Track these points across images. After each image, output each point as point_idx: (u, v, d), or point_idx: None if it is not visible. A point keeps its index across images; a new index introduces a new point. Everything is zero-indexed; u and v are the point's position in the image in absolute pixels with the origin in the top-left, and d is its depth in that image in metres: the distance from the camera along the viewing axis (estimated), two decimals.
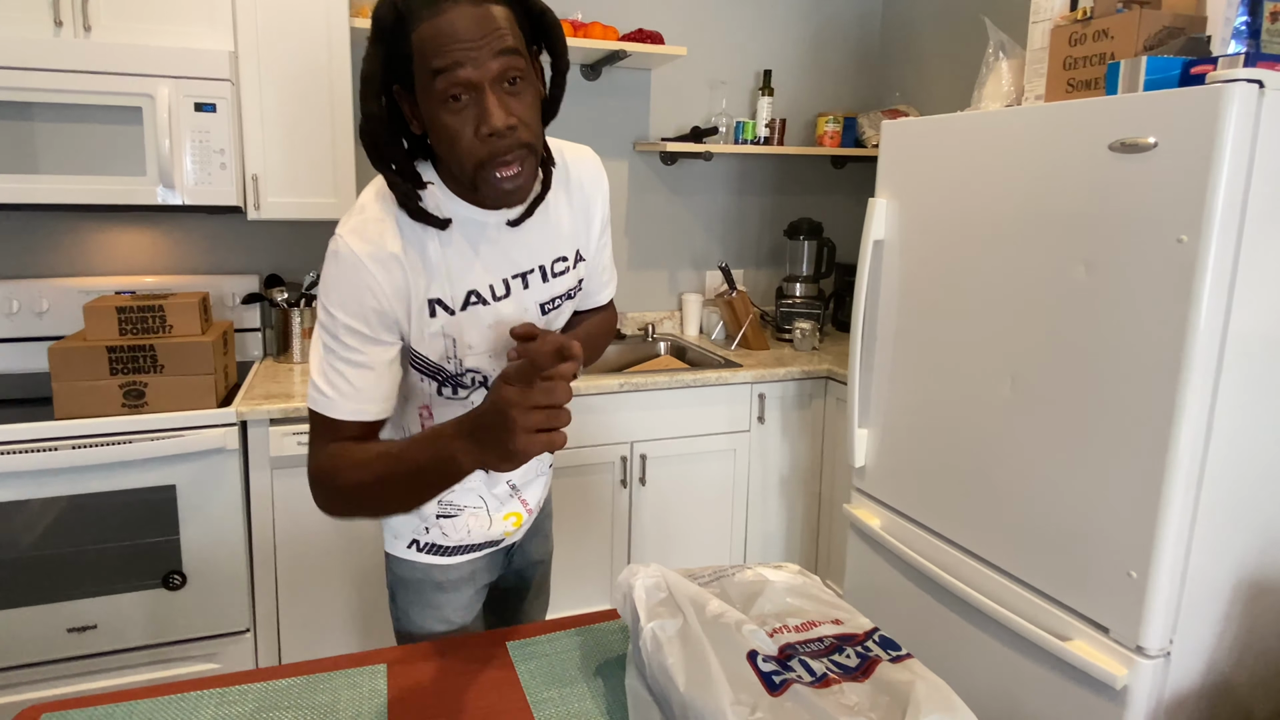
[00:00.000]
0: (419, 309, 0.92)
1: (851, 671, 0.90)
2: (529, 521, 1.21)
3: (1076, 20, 1.42)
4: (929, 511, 1.73)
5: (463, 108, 0.82)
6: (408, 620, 1.17)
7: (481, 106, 0.81)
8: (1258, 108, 1.13)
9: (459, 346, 0.96)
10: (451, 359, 0.97)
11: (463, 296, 0.94)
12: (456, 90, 0.81)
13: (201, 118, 1.75)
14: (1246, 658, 1.39)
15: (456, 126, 0.82)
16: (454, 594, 1.15)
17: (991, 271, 1.54)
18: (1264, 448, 1.31)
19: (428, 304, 0.92)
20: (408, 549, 1.13)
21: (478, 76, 0.80)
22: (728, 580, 1.09)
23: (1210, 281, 1.18)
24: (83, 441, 1.63)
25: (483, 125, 0.82)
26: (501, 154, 0.83)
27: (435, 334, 0.95)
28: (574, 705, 1.00)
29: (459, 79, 0.80)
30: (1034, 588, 1.49)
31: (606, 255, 1.13)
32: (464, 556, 1.15)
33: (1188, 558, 1.29)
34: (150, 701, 0.97)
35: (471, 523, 1.12)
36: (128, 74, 1.70)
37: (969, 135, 1.57)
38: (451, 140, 0.83)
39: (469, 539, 1.13)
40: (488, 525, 1.13)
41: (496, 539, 1.16)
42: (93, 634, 1.73)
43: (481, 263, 0.94)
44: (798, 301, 2.67)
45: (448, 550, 1.13)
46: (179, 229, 2.18)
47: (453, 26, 0.79)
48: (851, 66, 2.87)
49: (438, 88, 0.81)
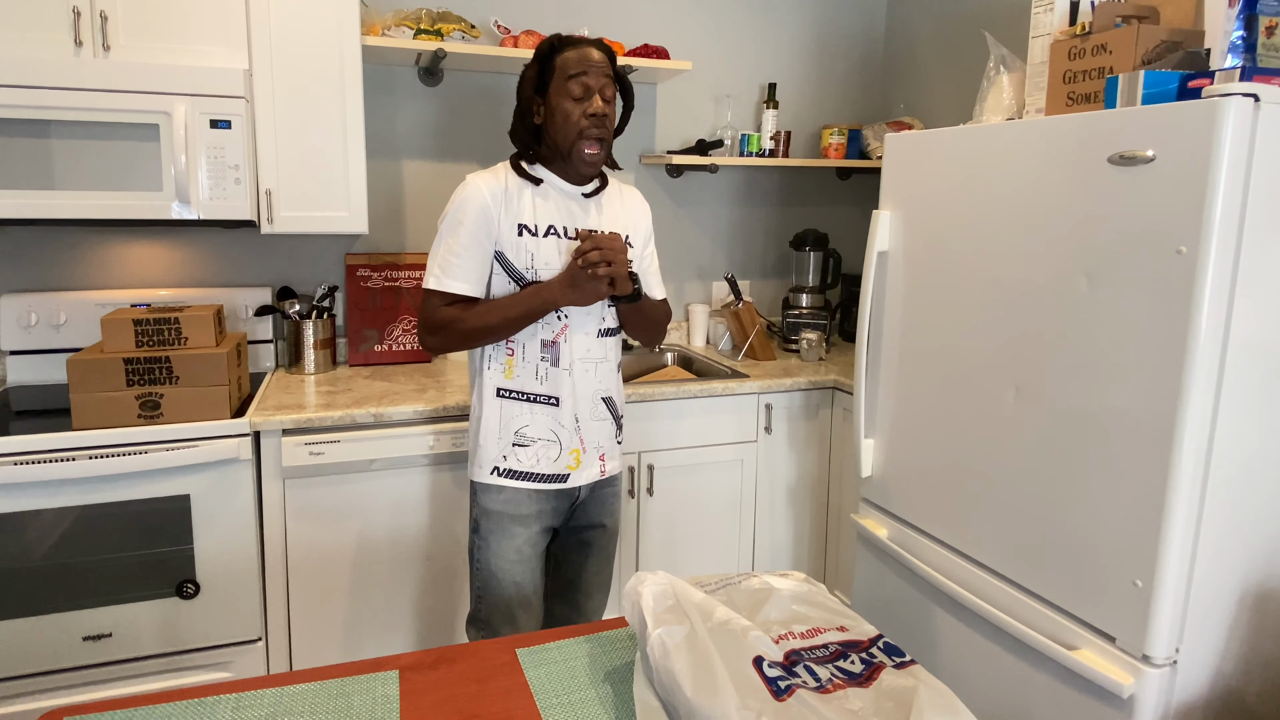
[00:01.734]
0: (509, 226, 1.42)
1: (856, 677, 0.91)
2: (588, 463, 1.54)
3: (1076, 35, 1.44)
4: (935, 521, 1.74)
5: (580, 99, 1.39)
6: (487, 548, 1.51)
7: (590, 99, 1.39)
8: (1254, 121, 1.15)
9: (536, 260, 1.44)
10: (530, 269, 1.44)
11: (544, 227, 1.44)
12: (580, 88, 1.39)
13: (217, 134, 1.79)
14: (1253, 666, 1.39)
15: (572, 109, 1.39)
16: (525, 527, 1.50)
17: (994, 282, 1.56)
18: (1266, 456, 1.31)
19: (516, 226, 1.43)
20: (490, 475, 1.50)
21: (595, 84, 1.39)
22: (734, 588, 1.11)
23: (1210, 292, 1.20)
24: (100, 452, 1.66)
25: (590, 107, 1.39)
26: (593, 131, 1.39)
27: (520, 248, 1.43)
28: (583, 711, 1.01)
29: (585, 81, 1.39)
30: (1040, 597, 1.49)
31: (653, 265, 1.62)
32: (534, 485, 1.50)
33: (1192, 566, 1.29)
34: (168, 706, 0.99)
35: (540, 453, 1.49)
36: (146, 92, 1.74)
37: (971, 148, 1.59)
38: (566, 116, 1.39)
39: (538, 467, 1.49)
40: (555, 455, 1.50)
41: (561, 473, 1.51)
42: (107, 642, 1.75)
43: (560, 211, 1.47)
44: (804, 312, 2.68)
45: (521, 475, 1.49)
46: (193, 243, 2.22)
47: (587, 55, 1.40)
48: (855, 79, 2.90)
49: (569, 86, 1.39)
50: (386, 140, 2.36)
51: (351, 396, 1.96)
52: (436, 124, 2.41)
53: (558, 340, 1.47)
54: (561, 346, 1.47)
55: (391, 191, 2.39)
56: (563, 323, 1.47)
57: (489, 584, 1.51)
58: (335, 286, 2.22)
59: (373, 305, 2.27)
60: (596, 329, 1.51)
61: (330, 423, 1.82)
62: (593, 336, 1.50)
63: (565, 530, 1.60)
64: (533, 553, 1.52)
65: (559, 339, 1.47)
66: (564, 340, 1.47)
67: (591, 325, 1.50)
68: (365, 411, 1.85)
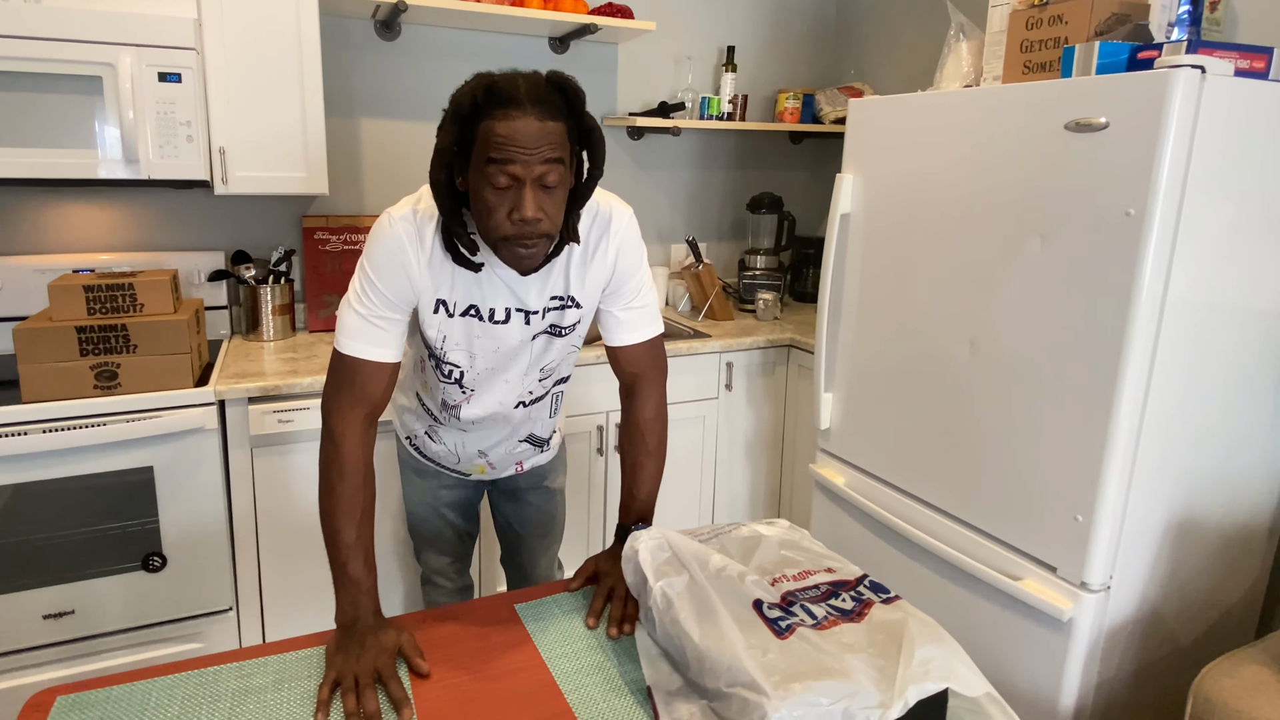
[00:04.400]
0: (429, 300, 1.14)
1: (848, 614, 0.98)
2: (499, 472, 1.43)
3: (1033, 5, 1.51)
4: (891, 468, 1.85)
5: (504, 191, 1.00)
6: (405, 484, 1.48)
7: (520, 197, 1.00)
8: (1200, 91, 1.24)
9: (448, 341, 1.18)
10: (440, 347, 1.19)
11: (464, 307, 1.15)
12: (503, 179, 0.99)
13: (166, 88, 1.69)
14: (1172, 590, 1.55)
15: (495, 204, 1.01)
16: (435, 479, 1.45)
17: (952, 242, 1.64)
18: (1191, 404, 1.44)
19: (435, 300, 1.14)
20: (405, 439, 1.44)
21: (523, 174, 0.99)
22: (725, 537, 1.16)
23: (1153, 251, 1.30)
24: (54, 425, 1.59)
25: (516, 212, 1.00)
26: (525, 237, 1.01)
27: (432, 323, 1.16)
28: (586, 659, 1.05)
29: (508, 171, 0.99)
30: (988, 534, 1.61)
31: (636, 301, 1.24)
32: (440, 468, 1.43)
33: (1126, 502, 1.42)
34: (170, 678, 0.98)
35: (442, 456, 1.40)
36: (87, 41, 1.62)
37: (932, 114, 1.65)
38: (488, 213, 1.02)
39: (442, 462, 1.41)
40: (455, 463, 1.40)
41: (465, 473, 1.43)
42: (70, 620, 1.70)
43: (484, 291, 1.15)
44: (759, 273, 2.74)
45: (428, 458, 1.42)
46: (137, 204, 2.10)
47: (514, 131, 0.97)
48: (809, 44, 2.93)
49: (489, 171, 0.99)
50: (343, 97, 2.27)
51: (319, 363, 1.93)
52: (395, 82, 2.33)
53: (458, 405, 1.27)
54: (463, 410, 1.27)
55: (348, 151, 2.31)
56: (464, 394, 1.25)
57: (410, 517, 1.50)
58: (292, 250, 2.15)
59: (333, 269, 2.21)
60: (515, 402, 1.28)
61: (300, 389, 1.79)
62: (508, 407, 1.28)
63: (493, 488, 1.53)
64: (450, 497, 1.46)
65: (460, 405, 1.27)
66: (466, 405, 1.27)
67: (509, 396, 1.27)
68: None
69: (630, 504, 1.28)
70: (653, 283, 1.25)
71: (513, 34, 2.42)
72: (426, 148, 2.40)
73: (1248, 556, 1.63)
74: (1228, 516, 1.56)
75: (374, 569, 1.08)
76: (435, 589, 1.56)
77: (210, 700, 0.95)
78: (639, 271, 1.22)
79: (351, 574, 1.06)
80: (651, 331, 1.25)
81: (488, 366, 1.22)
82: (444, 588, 1.56)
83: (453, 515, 1.49)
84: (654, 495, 1.29)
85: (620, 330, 1.24)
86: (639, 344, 1.25)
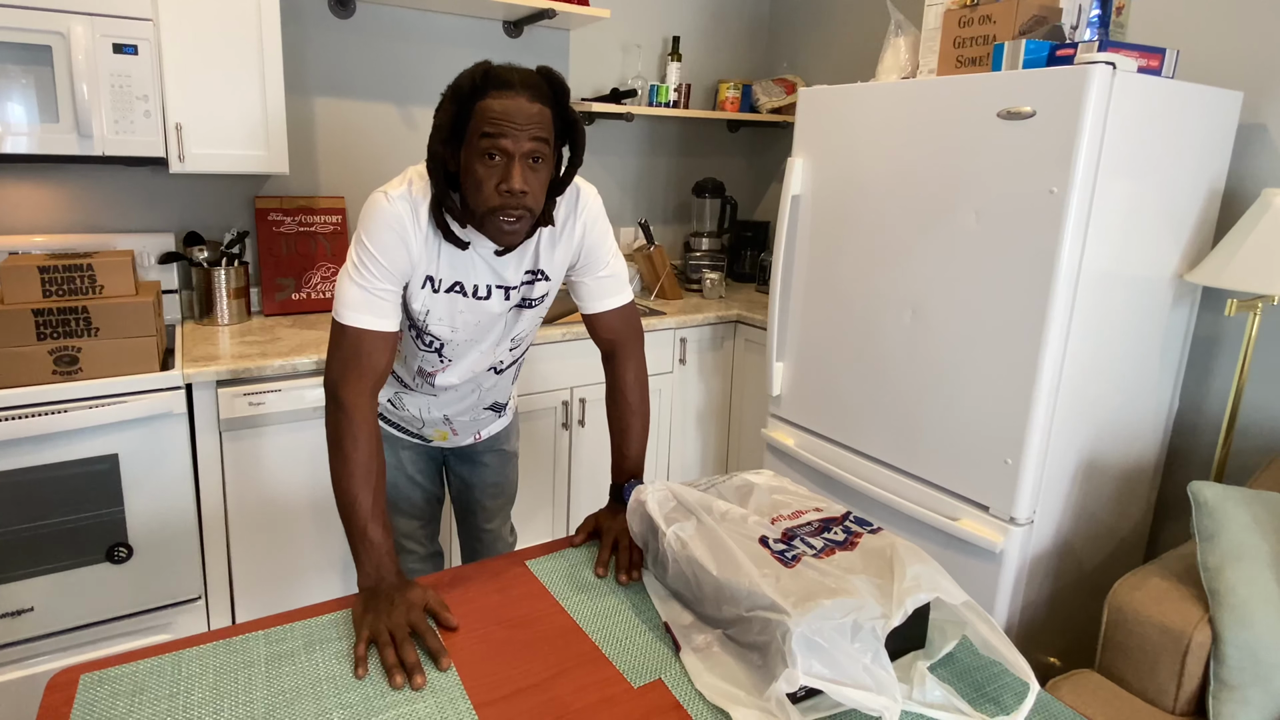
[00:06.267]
0: (419, 275, 1.21)
1: (842, 544, 1.11)
2: (460, 439, 1.50)
3: (965, 5, 1.68)
4: (839, 428, 2.01)
5: (493, 165, 1.09)
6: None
7: (508, 170, 1.09)
8: (1111, 85, 1.43)
9: (431, 315, 1.25)
10: (423, 320, 1.26)
11: (449, 283, 1.23)
12: (494, 151, 1.08)
13: (121, 60, 1.62)
14: (1081, 521, 1.77)
15: (484, 177, 1.09)
16: (393, 444, 1.49)
17: (895, 220, 1.80)
18: (1099, 361, 1.66)
19: (424, 276, 1.21)
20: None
21: (513, 149, 1.08)
22: (721, 485, 1.27)
23: (1071, 225, 1.49)
24: (10, 413, 1.52)
25: (504, 184, 1.09)
26: (510, 208, 1.10)
27: (418, 296, 1.23)
28: (601, 602, 1.14)
29: (499, 145, 1.08)
30: (929, 481, 1.79)
31: (607, 270, 1.33)
32: (399, 433, 1.48)
33: (1048, 446, 1.62)
34: (197, 649, 0.99)
35: (405, 419, 1.45)
36: (34, 8, 1.54)
37: (876, 102, 1.80)
38: (477, 186, 1.10)
39: (404, 424, 1.46)
40: (419, 429, 1.46)
41: (427, 438, 1.49)
42: (30, 617, 1.64)
43: (471, 268, 1.23)
44: (703, 255, 2.87)
45: (388, 421, 1.47)
46: (82, 183, 1.99)
47: (508, 108, 1.07)
48: (746, 36, 3.06)
49: (482, 145, 1.08)
50: (296, 75, 2.22)
51: (284, 345, 1.90)
52: (350, 61, 2.29)
53: (435, 373, 1.35)
54: (438, 377, 1.36)
55: (303, 130, 2.26)
56: (443, 363, 1.33)
57: None
58: (245, 232, 2.09)
59: (288, 251, 2.17)
60: (487, 368, 1.38)
61: (271, 372, 1.77)
62: (481, 372, 1.38)
63: (451, 453, 1.59)
64: (413, 458, 1.50)
65: (436, 373, 1.35)
66: (443, 372, 1.36)
67: (482, 364, 1.36)
68: (308, 359, 1.81)
69: (622, 463, 1.37)
70: (620, 254, 1.35)
71: (467, 15, 2.42)
72: (381, 128, 2.38)
73: (1139, 490, 1.89)
74: (1125, 457, 1.80)
75: (391, 532, 1.13)
76: (407, 554, 1.58)
77: (245, 666, 0.97)
78: (605, 242, 1.31)
79: (372, 538, 1.10)
80: (624, 298, 1.36)
81: (467, 338, 1.30)
82: (415, 553, 1.58)
83: (420, 477, 1.53)
84: (643, 453, 1.39)
85: (594, 298, 1.33)
86: (613, 310, 1.34)
